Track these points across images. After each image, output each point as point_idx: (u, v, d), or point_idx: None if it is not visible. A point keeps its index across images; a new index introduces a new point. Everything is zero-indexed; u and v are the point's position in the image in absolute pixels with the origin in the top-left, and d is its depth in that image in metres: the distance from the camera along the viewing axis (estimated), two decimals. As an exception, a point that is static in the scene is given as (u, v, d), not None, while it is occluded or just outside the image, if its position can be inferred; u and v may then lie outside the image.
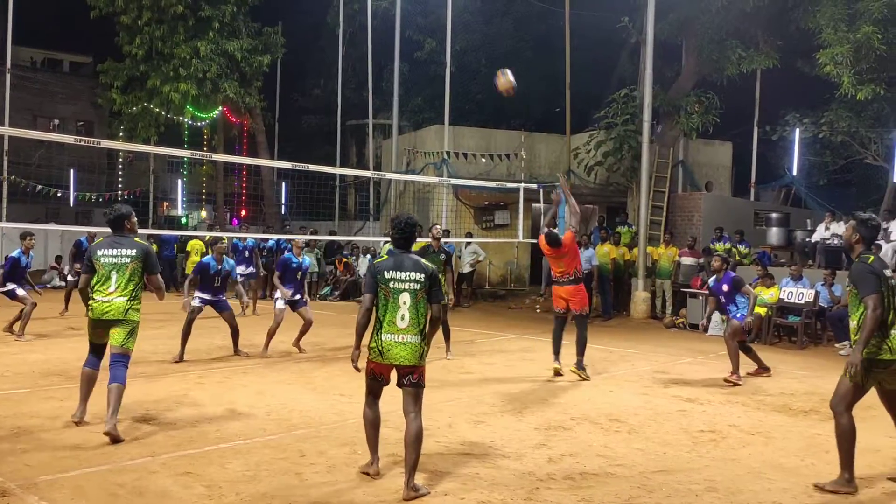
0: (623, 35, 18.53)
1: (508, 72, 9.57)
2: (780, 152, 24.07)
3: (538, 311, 17.11)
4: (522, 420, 6.98)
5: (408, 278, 4.98)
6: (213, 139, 26.74)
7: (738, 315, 9.33)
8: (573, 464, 5.64)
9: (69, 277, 15.29)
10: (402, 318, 4.94)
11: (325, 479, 5.17)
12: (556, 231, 9.00)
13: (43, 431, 6.13)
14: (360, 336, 5.12)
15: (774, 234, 17.17)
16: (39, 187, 22.60)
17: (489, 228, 20.36)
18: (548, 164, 20.91)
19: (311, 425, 6.52)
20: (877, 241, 7.38)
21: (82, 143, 10.43)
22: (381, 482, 5.11)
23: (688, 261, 15.62)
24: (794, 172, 21.96)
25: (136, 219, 6.52)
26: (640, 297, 16.14)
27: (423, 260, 5.18)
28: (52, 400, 7.26)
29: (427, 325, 5.04)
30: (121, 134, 24.78)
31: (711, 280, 9.83)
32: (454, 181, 17.13)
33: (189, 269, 15.33)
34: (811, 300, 12.88)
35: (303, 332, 10.55)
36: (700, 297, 14.51)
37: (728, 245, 15.74)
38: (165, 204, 32.05)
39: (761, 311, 12.98)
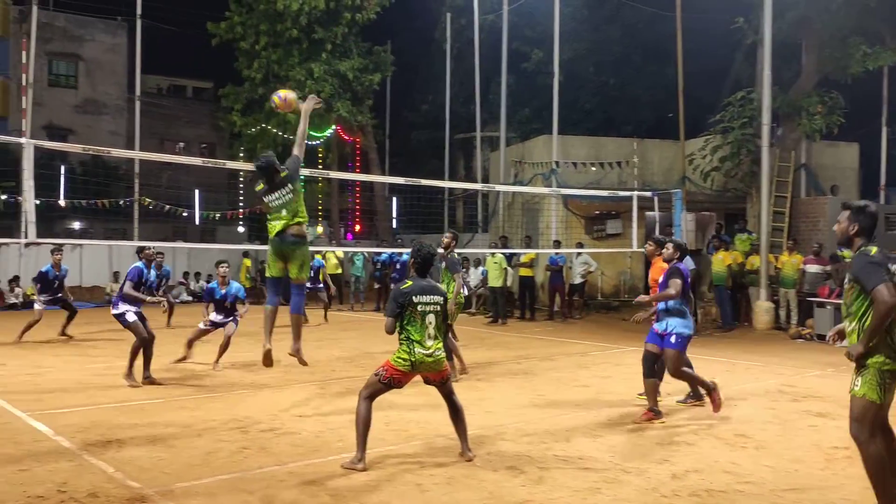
0: (738, 36, 17.96)
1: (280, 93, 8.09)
2: (911, 152, 22.70)
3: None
4: (643, 434, 6.82)
5: (431, 301, 5.81)
6: (328, 157, 27.58)
7: None
8: (698, 480, 5.45)
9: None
10: (430, 337, 5.75)
11: (444, 490, 5.20)
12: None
13: (177, 440, 6.45)
14: None
15: (908, 239, 16.10)
16: (167, 207, 23.87)
17: (601, 238, 20.05)
18: (661, 170, 20.42)
19: (428, 436, 6.58)
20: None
21: (208, 164, 10.95)
22: (502, 495, 5.08)
23: (814, 268, 14.88)
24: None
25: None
26: (762, 307, 15.50)
27: (439, 285, 6.55)
28: (184, 410, 7.63)
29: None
30: (241, 154, 25.90)
31: None
32: (563, 191, 16.98)
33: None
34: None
35: (222, 350, 10.28)
36: (828, 307, 13.81)
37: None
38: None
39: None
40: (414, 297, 5.74)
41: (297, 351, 7.15)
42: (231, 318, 10.39)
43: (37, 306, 13.33)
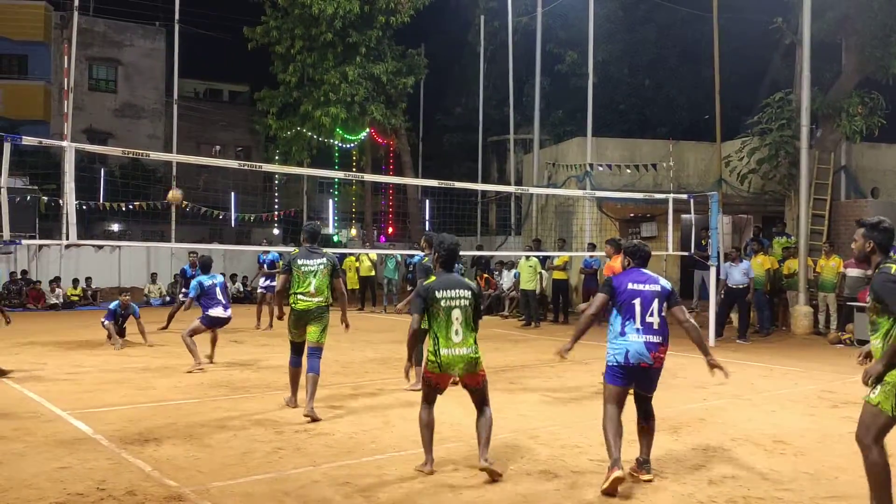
0: (776, 36, 17.72)
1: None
2: (957, 153, 22.11)
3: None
4: (678, 440, 6.73)
5: (457, 296, 5.54)
6: (362, 160, 27.73)
7: None
8: (736, 487, 5.37)
9: (180, 297, 15.48)
10: (457, 333, 5.47)
11: (477, 493, 5.18)
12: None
13: (212, 439, 6.51)
14: (411, 351, 5.73)
15: (952, 242, 15.74)
16: (204, 209, 24.16)
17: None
18: (697, 173, 20.19)
19: (461, 439, 6.56)
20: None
21: (245, 167, 11.06)
22: (536, 499, 5.05)
23: (854, 272, 14.59)
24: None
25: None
26: (801, 311, 15.24)
27: (466, 279, 5.87)
28: (219, 410, 7.71)
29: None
30: (276, 157, 26.14)
31: None
32: (598, 193, 16.87)
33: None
34: None
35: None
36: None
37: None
38: (318, 223, 33.44)
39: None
40: (437, 293, 5.49)
41: (312, 410, 7.21)
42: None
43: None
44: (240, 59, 28.88)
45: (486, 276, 19.76)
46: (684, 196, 15.43)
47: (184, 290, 15.06)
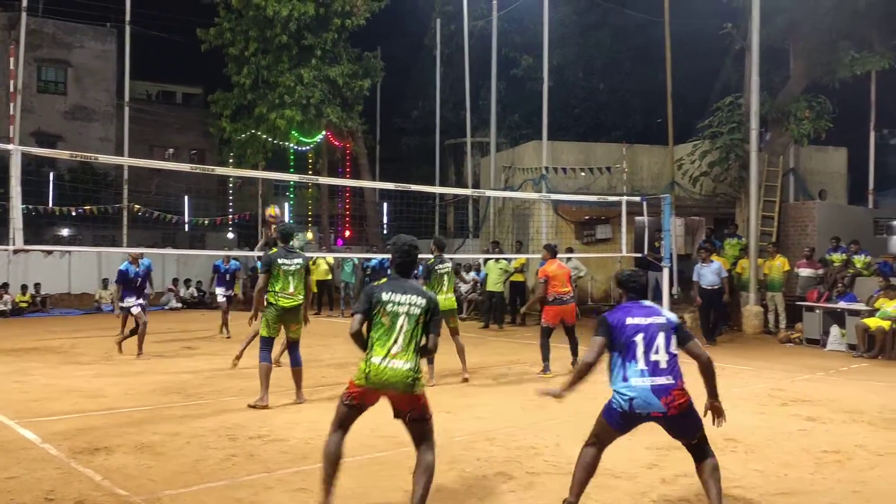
0: (726, 42, 18.06)
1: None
2: (900, 157, 22.82)
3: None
4: (633, 439, 6.76)
5: (407, 302, 4.73)
6: (318, 163, 27.55)
7: None
8: (688, 485, 5.45)
9: (219, 298, 15.28)
10: (396, 343, 4.65)
11: (434, 497, 5.15)
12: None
13: (165, 447, 6.41)
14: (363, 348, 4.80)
15: (896, 243, 16.29)
16: (156, 213, 23.77)
17: (590, 243, 20.09)
18: (650, 175, 20.50)
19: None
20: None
21: (197, 170, 10.93)
22: (491, 501, 5.06)
23: (806, 272, 14.95)
24: (916, 178, 20.79)
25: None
26: (751, 311, 15.55)
27: (424, 288, 5.09)
28: (172, 417, 7.59)
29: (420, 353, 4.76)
30: (231, 160, 25.85)
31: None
32: (553, 196, 17.02)
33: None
34: (941, 312, 12.10)
35: (140, 336, 11.71)
36: (817, 311, 13.88)
37: (845, 255, 15.00)
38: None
39: (884, 324, 12.32)
40: (384, 295, 4.72)
41: (302, 397, 8.28)
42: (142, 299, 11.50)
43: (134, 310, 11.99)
44: (193, 60, 28.44)
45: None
46: (638, 199, 15.67)
47: (218, 287, 15.07)
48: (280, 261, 8.14)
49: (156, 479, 5.51)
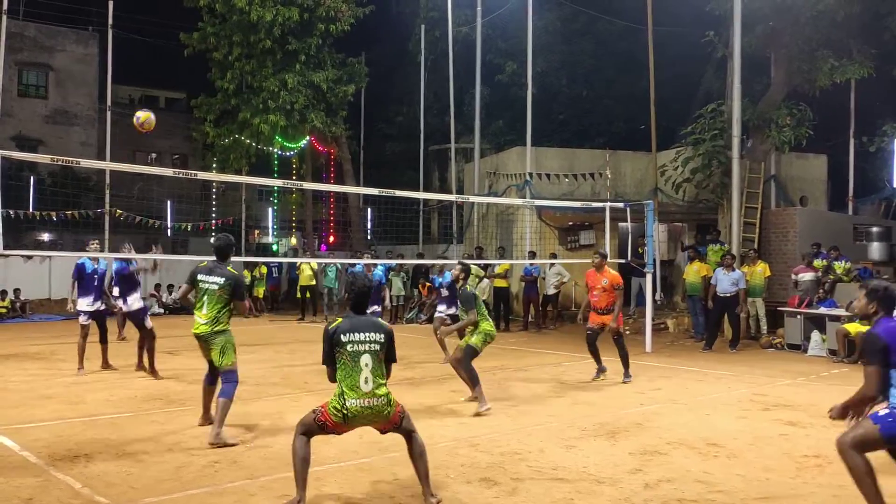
0: (708, 49, 18.17)
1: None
2: (879, 164, 23.02)
3: (627, 332, 16.78)
4: (616, 444, 6.83)
5: (367, 339, 4.93)
6: (302, 168, 27.48)
7: None
8: (671, 490, 5.48)
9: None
10: (366, 382, 4.86)
11: (419, 502, 5.17)
12: None
13: (146, 454, 6.35)
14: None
15: (876, 249, 16.46)
16: (139, 218, 23.61)
17: (574, 249, 20.13)
18: (633, 182, 20.58)
19: (401, 448, 6.50)
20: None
21: (180, 175, 10.86)
22: (475, 507, 5.06)
23: (807, 276, 15.01)
24: (895, 185, 20.98)
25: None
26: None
27: (379, 320, 5.25)
28: (154, 424, 7.52)
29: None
30: (214, 165, 25.70)
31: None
32: (537, 202, 17.06)
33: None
34: (920, 318, 12.22)
35: (148, 350, 10.47)
36: (798, 317, 13.99)
37: (825, 261, 15.13)
38: (257, 232, 33.04)
39: (864, 329, 12.42)
40: (342, 336, 4.90)
41: (217, 436, 6.59)
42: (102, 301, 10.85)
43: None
44: (176, 65, 28.36)
45: (428, 284, 19.75)
46: (621, 205, 15.75)
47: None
48: (199, 276, 7.00)
49: (137, 487, 5.45)
